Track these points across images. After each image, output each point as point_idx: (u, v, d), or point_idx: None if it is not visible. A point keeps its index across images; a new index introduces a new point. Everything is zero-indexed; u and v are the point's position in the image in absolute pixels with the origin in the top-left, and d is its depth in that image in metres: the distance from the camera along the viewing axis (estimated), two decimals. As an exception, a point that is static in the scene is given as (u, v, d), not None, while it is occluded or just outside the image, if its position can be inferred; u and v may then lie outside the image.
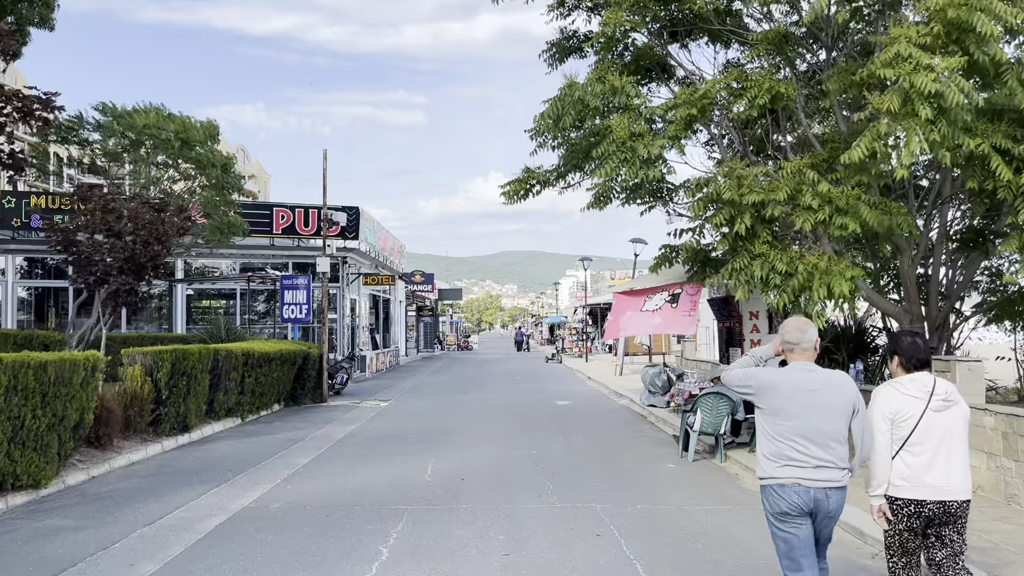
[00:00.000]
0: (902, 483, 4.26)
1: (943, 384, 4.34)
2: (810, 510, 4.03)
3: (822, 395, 4.08)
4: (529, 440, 12.76)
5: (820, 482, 4.02)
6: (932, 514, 4.22)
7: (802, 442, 4.03)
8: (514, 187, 11.36)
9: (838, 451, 4.05)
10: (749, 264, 7.73)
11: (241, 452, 11.64)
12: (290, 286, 19.74)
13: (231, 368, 14.27)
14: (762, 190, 7.65)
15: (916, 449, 4.23)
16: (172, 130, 14.10)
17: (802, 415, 4.05)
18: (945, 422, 4.26)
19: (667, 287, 10.89)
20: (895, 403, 4.32)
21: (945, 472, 4.21)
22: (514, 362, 40.51)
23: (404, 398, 20.11)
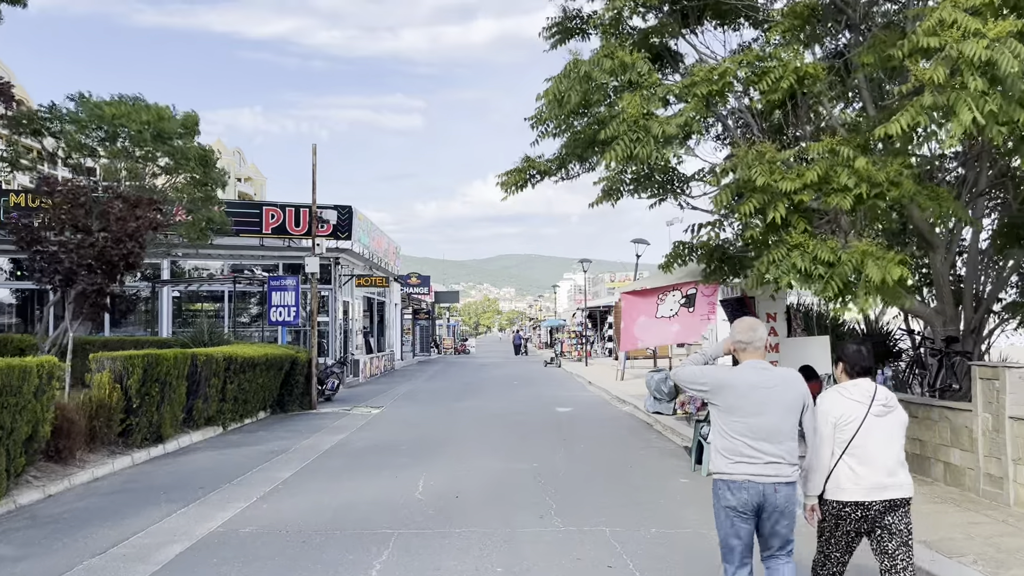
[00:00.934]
0: (848, 486, 4.38)
1: (883, 391, 4.51)
2: (758, 505, 4.18)
3: (776, 392, 4.24)
4: (529, 451, 11.90)
5: (770, 477, 4.15)
6: (878, 513, 4.36)
7: (755, 439, 4.17)
8: (512, 177, 10.51)
9: (789, 447, 4.21)
10: (787, 255, 6.88)
11: (218, 465, 10.76)
12: (278, 287, 18.87)
13: (211, 374, 13.39)
14: (795, 176, 6.81)
15: (858, 452, 4.36)
16: (144, 120, 13.23)
17: (757, 412, 4.18)
18: (885, 426, 4.41)
19: (680, 286, 10.04)
20: (839, 407, 4.46)
21: (886, 473, 4.36)
22: (512, 366, 39.65)
23: (397, 405, 19.24)
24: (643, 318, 10.24)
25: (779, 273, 7.07)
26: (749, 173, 6.89)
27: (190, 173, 14.64)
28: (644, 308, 10.27)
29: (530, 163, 10.62)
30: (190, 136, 14.76)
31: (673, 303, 9.94)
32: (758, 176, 6.82)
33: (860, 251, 6.98)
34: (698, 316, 9.57)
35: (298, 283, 19.10)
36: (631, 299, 10.61)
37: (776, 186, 6.86)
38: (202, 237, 15.89)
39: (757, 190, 6.95)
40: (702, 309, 9.57)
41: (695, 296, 9.72)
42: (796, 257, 6.95)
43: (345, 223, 25.12)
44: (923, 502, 7.92)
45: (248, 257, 24.82)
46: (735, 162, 7.06)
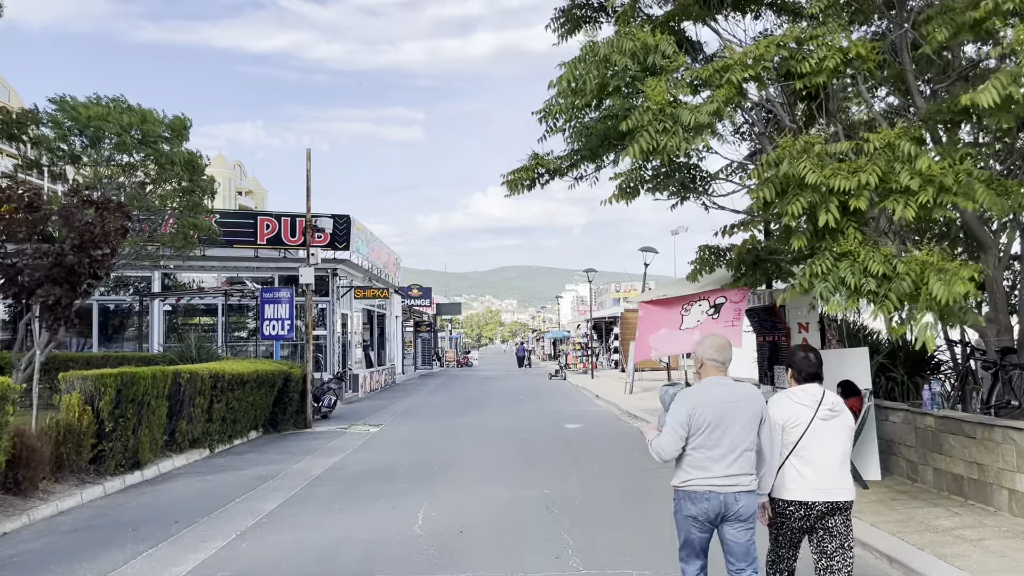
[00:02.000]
0: (792, 486, 4.52)
1: (831, 396, 4.71)
2: (718, 514, 4.35)
3: (739, 407, 4.39)
4: (538, 475, 10.95)
5: (730, 487, 4.33)
6: (820, 513, 4.51)
7: (719, 451, 4.32)
8: (519, 176, 9.61)
9: (749, 459, 4.38)
10: (835, 266, 5.93)
11: (199, 494, 9.82)
12: (271, 300, 17.95)
13: (196, 392, 12.46)
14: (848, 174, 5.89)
15: (805, 454, 4.52)
16: (126, 123, 12.34)
17: (721, 426, 4.34)
18: (831, 430, 4.57)
19: (708, 295, 9.10)
20: (787, 411, 4.62)
21: (830, 475, 4.50)
22: (516, 379, 38.67)
23: (397, 422, 18.28)
24: (664, 330, 9.30)
25: (825, 289, 6.13)
26: (797, 168, 5.97)
27: (176, 179, 13.73)
28: (666, 319, 9.33)
29: (538, 160, 9.73)
30: (178, 140, 13.88)
31: (700, 314, 9.01)
32: (808, 172, 5.90)
33: (919, 262, 6.03)
34: (722, 323, 8.62)
35: (292, 295, 18.19)
36: (650, 309, 9.67)
37: (828, 184, 5.92)
38: (188, 246, 14.96)
39: (806, 188, 6.02)
40: (727, 315, 8.64)
41: (723, 305, 8.79)
42: (845, 269, 6.00)
43: (343, 233, 24.24)
44: (991, 536, 6.97)
45: (243, 269, 23.94)
46: (780, 153, 6.15)
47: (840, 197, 5.98)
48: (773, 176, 6.12)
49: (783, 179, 6.11)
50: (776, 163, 6.11)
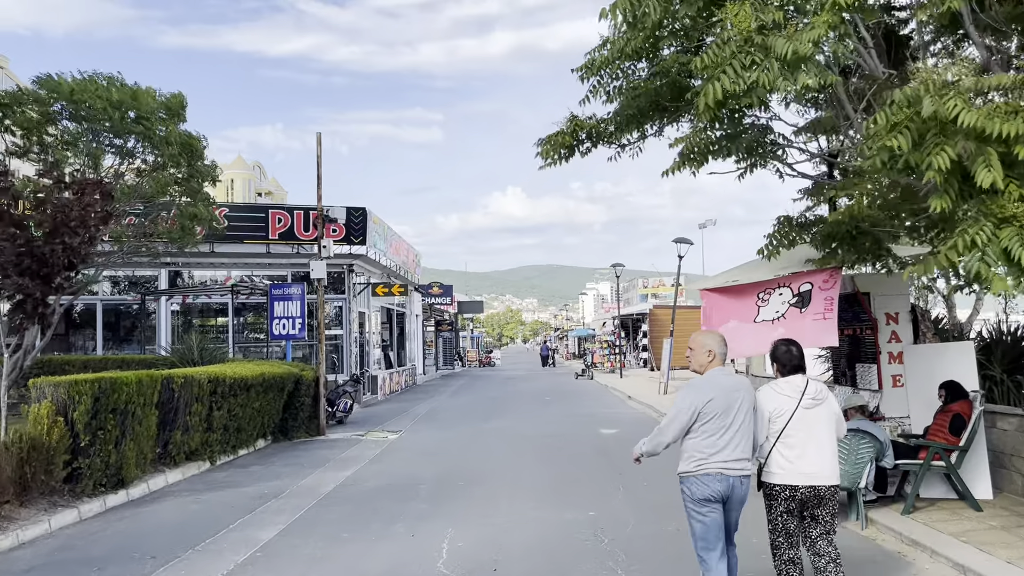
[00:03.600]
0: (778, 471, 4.83)
1: (814, 385, 4.96)
2: (725, 496, 4.60)
3: (741, 394, 4.71)
4: (579, 491, 9.51)
5: (737, 471, 4.60)
6: (804, 497, 4.80)
7: (727, 437, 4.60)
8: (554, 142, 8.16)
9: (749, 445, 4.70)
10: (994, 235, 4.44)
11: (189, 519, 8.48)
12: (281, 297, 16.65)
13: (192, 399, 11.14)
14: (1006, 114, 4.41)
15: (789, 441, 4.80)
16: (115, 99, 11.02)
17: (730, 413, 4.62)
18: (814, 418, 4.84)
19: (787, 280, 7.60)
20: (772, 402, 4.90)
21: (814, 461, 4.78)
22: (541, 379, 37.21)
23: (417, 427, 16.90)
24: (734, 322, 7.79)
25: (981, 263, 4.63)
26: (944, 107, 4.48)
27: (173, 163, 12.41)
28: (738, 311, 7.84)
29: (577, 123, 8.27)
30: (174, 121, 12.57)
31: (780, 304, 7.51)
32: (961, 111, 4.41)
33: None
34: (810, 316, 7.13)
35: (304, 292, 16.88)
36: (716, 299, 8.18)
37: (987, 129, 4.42)
38: (187, 238, 13.64)
39: (956, 133, 4.53)
40: (817, 306, 7.14)
41: (810, 293, 7.29)
42: (1010, 238, 4.50)
43: (359, 226, 22.90)
44: None
45: (254, 266, 22.66)
46: (917, 90, 4.65)
47: (1000, 146, 4.48)
48: (907, 119, 4.64)
49: (922, 123, 4.64)
50: (911, 102, 4.64)
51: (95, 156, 12.36)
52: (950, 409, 7.88)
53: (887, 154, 4.97)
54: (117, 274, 22.74)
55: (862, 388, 9.03)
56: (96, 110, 10.92)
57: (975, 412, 7.69)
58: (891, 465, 7.72)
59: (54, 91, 11.15)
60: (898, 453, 7.80)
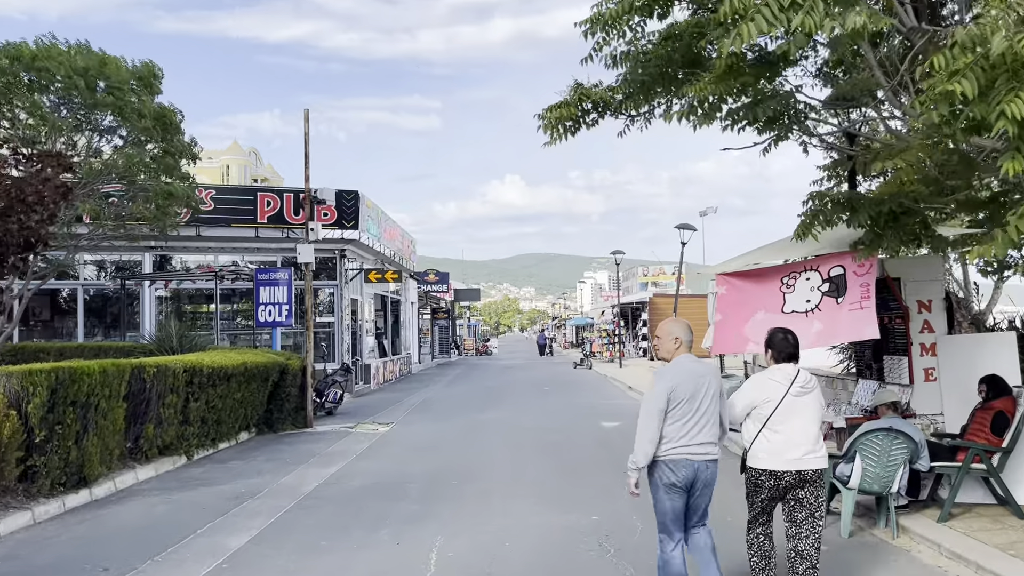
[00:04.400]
0: (763, 455, 4.90)
1: (804, 374, 5.00)
2: (691, 481, 4.65)
3: (707, 380, 4.74)
4: (581, 491, 8.79)
5: (702, 456, 4.66)
6: (789, 483, 4.87)
7: (693, 421, 4.64)
8: (558, 114, 7.38)
9: (715, 430, 4.75)
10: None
11: (154, 521, 7.75)
12: (267, 282, 15.89)
13: (166, 390, 10.40)
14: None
15: (776, 427, 4.87)
16: (80, 66, 10.18)
17: (697, 399, 4.66)
18: (802, 406, 4.90)
19: (814, 263, 6.84)
20: (763, 388, 4.97)
21: (799, 447, 4.85)
22: (538, 368, 36.52)
23: (410, 419, 16.18)
24: (761, 314, 7.02)
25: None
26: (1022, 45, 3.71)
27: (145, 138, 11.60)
28: (763, 299, 7.07)
29: (583, 92, 7.49)
30: (147, 92, 11.75)
31: (809, 291, 6.74)
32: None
33: None
34: (847, 306, 6.37)
35: (291, 277, 16.12)
36: (737, 284, 7.41)
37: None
38: (162, 218, 12.83)
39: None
40: (853, 295, 6.38)
41: (843, 278, 6.52)
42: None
43: (351, 210, 22.10)
44: None
45: (242, 250, 21.88)
46: (986, 28, 3.88)
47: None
48: (970, 64, 3.89)
49: (991, 68, 3.88)
50: (977, 42, 3.88)
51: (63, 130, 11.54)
52: (991, 406, 7.15)
53: (946, 106, 4.21)
54: (102, 258, 21.96)
55: (890, 382, 8.30)
56: (60, 78, 10.10)
57: (1020, 410, 6.96)
58: (926, 468, 6.99)
59: (16, 58, 10.33)
60: (932, 454, 7.08)
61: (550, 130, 7.61)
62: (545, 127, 7.66)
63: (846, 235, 6.69)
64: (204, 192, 20.90)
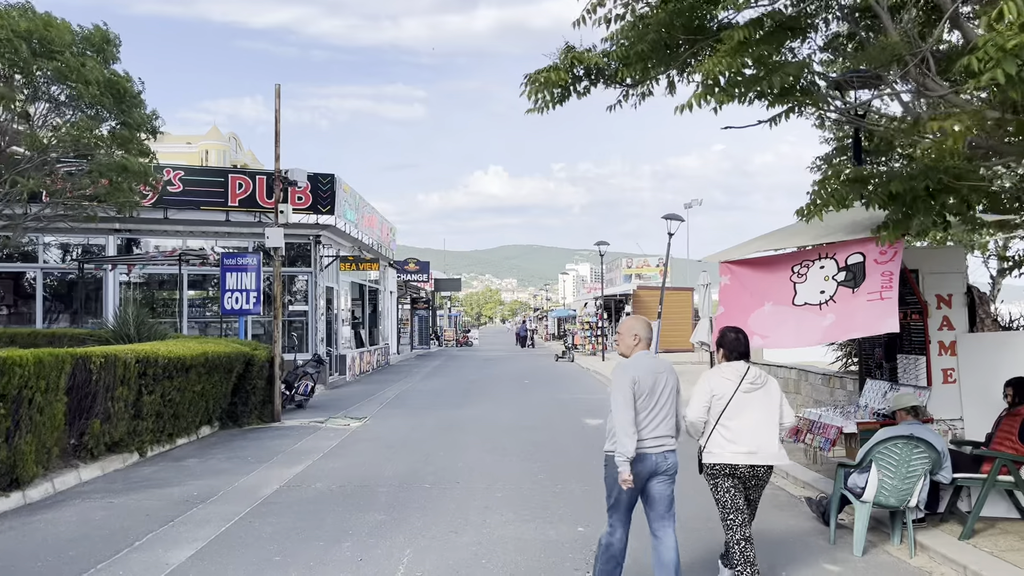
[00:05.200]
0: (717, 450, 5.06)
1: (755, 371, 5.19)
2: (651, 473, 4.79)
3: (664, 376, 4.93)
4: (565, 499, 8.07)
5: (659, 448, 4.82)
6: (744, 475, 5.05)
7: (651, 415, 4.81)
8: (545, 77, 6.60)
9: (672, 423, 4.92)
10: None
11: (89, 531, 6.92)
12: (234, 267, 15.01)
13: (116, 382, 9.55)
14: None
15: (728, 423, 5.04)
16: (22, 29, 9.25)
17: (655, 393, 4.84)
18: (753, 401, 5.08)
19: (829, 248, 6.13)
20: (714, 385, 5.15)
21: (751, 441, 5.00)
22: (519, 361, 35.81)
23: (385, 413, 15.39)
24: (769, 305, 6.30)
25: None
26: None
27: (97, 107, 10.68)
28: (771, 290, 6.35)
29: (575, 57, 6.72)
30: (99, 59, 10.81)
31: (823, 281, 6.01)
32: None
33: None
34: (864, 295, 5.65)
35: (260, 262, 15.25)
36: (742, 273, 6.69)
37: None
38: (116, 196, 11.91)
39: None
40: (872, 283, 5.66)
41: (862, 266, 5.80)
42: None
43: (326, 194, 21.22)
44: None
45: (212, 235, 20.94)
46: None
47: None
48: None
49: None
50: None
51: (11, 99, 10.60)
52: (1019, 412, 6.49)
53: (1013, 64, 3.49)
54: (66, 241, 20.93)
55: (903, 383, 7.62)
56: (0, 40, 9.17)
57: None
58: (948, 480, 6.33)
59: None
60: (954, 464, 6.41)
61: (535, 95, 6.83)
62: (530, 92, 6.87)
63: (864, 218, 5.98)
64: (172, 173, 20.00)
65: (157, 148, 13.43)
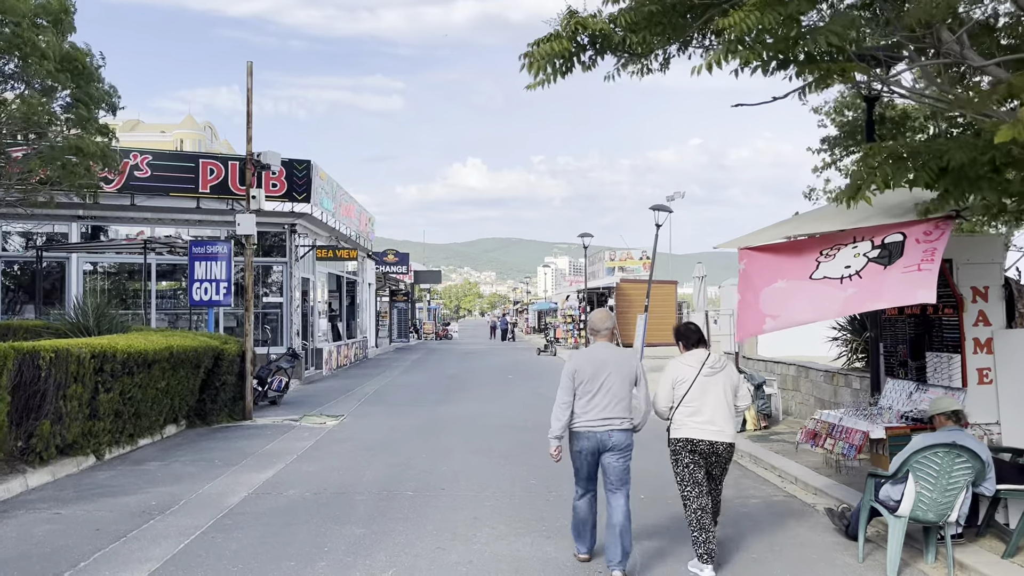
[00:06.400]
0: (680, 428, 5.61)
1: (714, 356, 5.73)
2: (598, 448, 5.51)
3: (618, 366, 5.55)
4: (561, 509, 7.36)
5: (605, 427, 5.47)
6: (705, 451, 5.55)
7: (596, 400, 5.48)
8: (547, 48, 5.88)
9: (623, 406, 5.51)
10: None
11: (26, 550, 6.13)
12: (203, 256, 14.15)
13: (69, 379, 8.72)
14: None
15: (690, 404, 5.58)
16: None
17: (598, 379, 5.49)
18: (712, 384, 5.60)
19: (865, 232, 5.47)
20: (677, 371, 5.70)
21: (710, 419, 5.54)
22: (501, 354, 35.11)
23: (363, 411, 14.63)
24: (782, 282, 5.64)
25: None
26: None
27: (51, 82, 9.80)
28: (788, 269, 5.70)
29: (579, 22, 5.99)
30: (55, 31, 9.94)
31: (852, 258, 5.38)
32: None
33: None
34: (899, 269, 4.96)
35: (231, 251, 14.41)
36: (763, 258, 6.03)
37: None
38: (71, 178, 10.99)
39: None
40: (910, 257, 4.97)
41: (902, 245, 5.14)
42: None
43: (302, 182, 20.35)
44: None
45: (182, 223, 19.98)
46: None
47: None
48: None
49: None
50: None
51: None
52: (1066, 416, 5.89)
53: None
54: (32, 229, 19.89)
55: (933, 384, 7.00)
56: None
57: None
58: (991, 492, 5.72)
59: None
60: (1007, 476, 5.80)
61: (535, 69, 6.09)
62: (530, 65, 6.14)
63: (907, 199, 5.33)
64: (140, 157, 19.05)
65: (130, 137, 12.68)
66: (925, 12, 5.15)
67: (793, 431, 11.01)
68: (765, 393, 11.98)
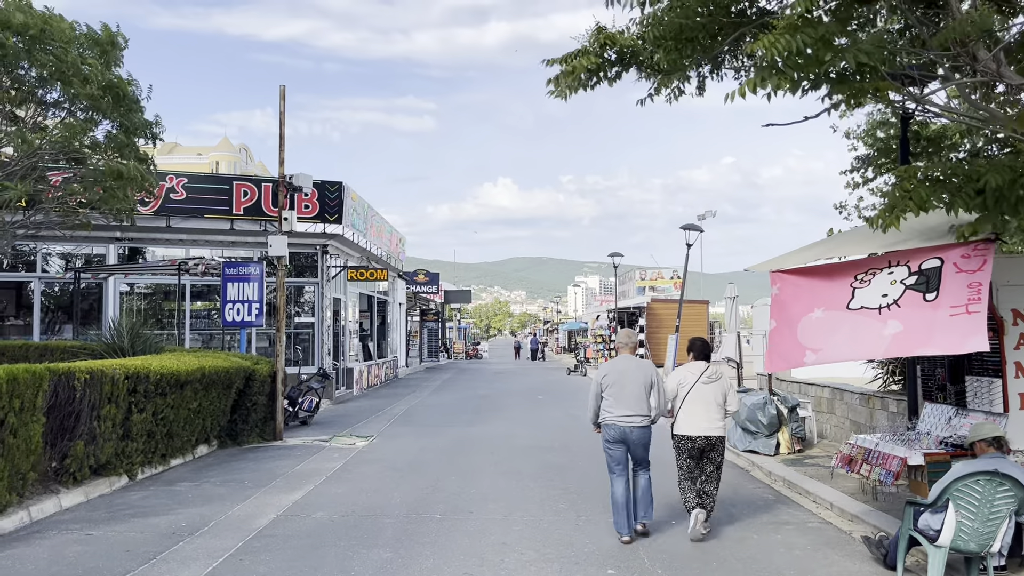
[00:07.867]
0: (682, 425, 7.08)
1: (712, 368, 7.15)
2: (621, 438, 7.01)
3: (636, 373, 7.08)
4: (590, 535, 7.27)
5: (627, 423, 6.97)
6: (701, 445, 7.01)
7: (618, 399, 7.02)
8: (575, 65, 5.88)
9: (641, 406, 7.00)
10: None
11: (59, 571, 6.18)
12: (236, 277, 14.33)
13: (103, 400, 8.84)
14: None
15: (689, 407, 7.02)
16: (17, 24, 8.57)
17: (620, 383, 7.04)
18: (708, 390, 7.04)
19: (899, 256, 5.36)
20: (681, 375, 7.19)
21: (704, 419, 6.99)
22: (531, 374, 35.00)
23: (393, 431, 14.63)
24: (820, 311, 5.53)
25: None
26: None
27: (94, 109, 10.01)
28: (825, 296, 5.60)
29: (607, 37, 5.99)
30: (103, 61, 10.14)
31: (887, 286, 5.26)
32: None
33: None
34: (946, 309, 4.84)
35: (263, 272, 14.57)
36: (796, 282, 5.93)
37: None
38: (111, 202, 11.19)
39: None
40: (954, 295, 4.85)
41: (939, 271, 5.02)
42: None
43: (334, 203, 20.56)
44: None
45: (216, 244, 20.26)
46: None
47: None
48: None
49: None
50: None
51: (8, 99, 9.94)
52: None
53: None
54: (71, 250, 20.31)
55: (973, 409, 6.81)
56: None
57: None
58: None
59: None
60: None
61: (563, 84, 6.09)
62: (559, 80, 6.15)
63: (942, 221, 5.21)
64: (176, 180, 19.40)
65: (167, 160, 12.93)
66: (960, 31, 5.07)
67: (828, 455, 10.78)
68: (799, 416, 11.76)
